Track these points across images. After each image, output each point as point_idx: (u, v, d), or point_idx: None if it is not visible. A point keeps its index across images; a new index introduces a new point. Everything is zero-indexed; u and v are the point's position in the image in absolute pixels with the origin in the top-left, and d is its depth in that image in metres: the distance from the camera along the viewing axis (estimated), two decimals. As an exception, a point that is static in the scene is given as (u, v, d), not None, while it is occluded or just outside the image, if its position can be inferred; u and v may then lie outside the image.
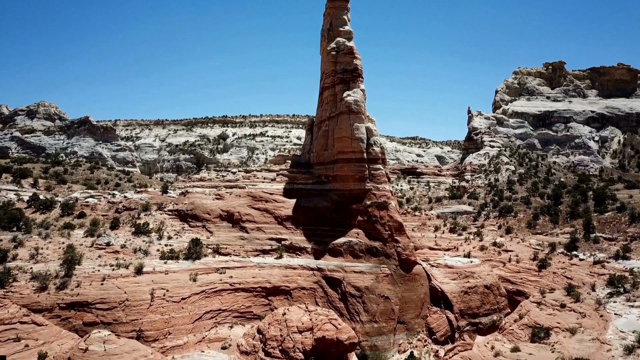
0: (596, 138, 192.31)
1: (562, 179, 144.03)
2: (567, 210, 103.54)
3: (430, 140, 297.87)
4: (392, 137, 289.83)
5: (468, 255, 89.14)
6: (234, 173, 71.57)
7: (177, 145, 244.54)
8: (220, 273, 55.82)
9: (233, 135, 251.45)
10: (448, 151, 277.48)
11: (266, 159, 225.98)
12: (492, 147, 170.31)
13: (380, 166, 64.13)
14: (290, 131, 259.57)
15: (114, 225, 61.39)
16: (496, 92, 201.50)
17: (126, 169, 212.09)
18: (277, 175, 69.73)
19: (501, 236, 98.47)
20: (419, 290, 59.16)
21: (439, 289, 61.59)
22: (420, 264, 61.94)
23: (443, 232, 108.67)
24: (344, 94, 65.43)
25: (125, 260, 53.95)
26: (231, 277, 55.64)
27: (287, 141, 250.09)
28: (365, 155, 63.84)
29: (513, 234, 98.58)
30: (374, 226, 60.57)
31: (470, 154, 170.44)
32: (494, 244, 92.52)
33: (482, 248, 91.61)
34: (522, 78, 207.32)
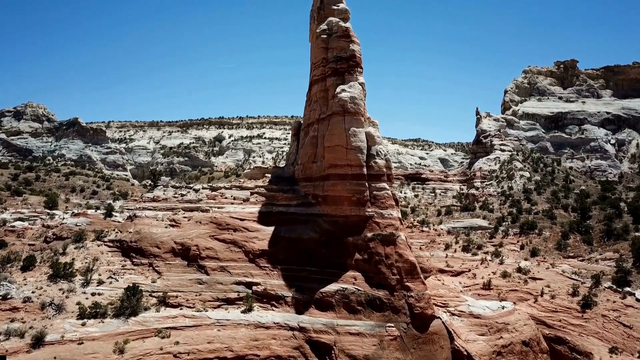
0: (612, 141, 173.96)
1: (583, 187, 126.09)
2: (601, 228, 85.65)
3: (433, 142, 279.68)
4: (394, 139, 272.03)
5: (488, 285, 72.12)
6: (196, 191, 53.96)
7: (171, 148, 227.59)
8: (163, 337, 38.31)
9: (229, 137, 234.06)
10: (452, 154, 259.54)
11: (263, 162, 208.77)
12: (503, 151, 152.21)
13: (384, 185, 46.43)
14: (289, 133, 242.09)
15: (28, 264, 44.01)
16: (505, 92, 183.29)
17: (116, 172, 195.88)
18: (252, 194, 52.09)
19: (525, 259, 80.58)
20: (438, 357, 41.54)
21: (465, 352, 44.04)
22: (439, 317, 44.26)
23: (455, 251, 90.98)
24: (337, 89, 47.78)
25: (24, 322, 36.62)
26: (177, 342, 38.09)
27: (285, 143, 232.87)
28: (364, 169, 46.20)
29: (540, 257, 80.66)
30: (377, 268, 42.90)
31: (479, 159, 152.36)
32: (519, 269, 74.81)
33: (505, 275, 74.06)
34: (532, 77, 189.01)
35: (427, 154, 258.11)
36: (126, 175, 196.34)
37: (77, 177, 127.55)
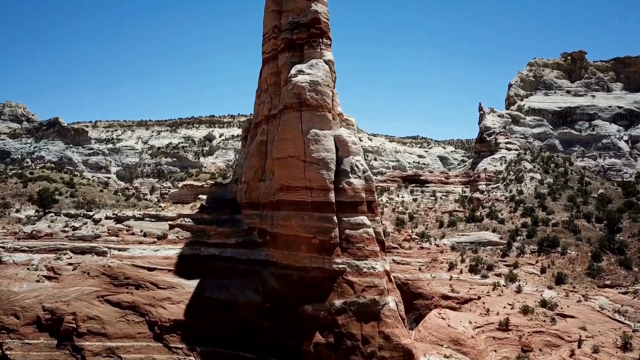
0: (625, 137, 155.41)
1: (602, 191, 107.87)
2: (639, 246, 67.94)
3: (432, 139, 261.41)
4: (392, 136, 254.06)
5: (506, 324, 54.95)
6: (96, 222, 36.31)
7: (159, 148, 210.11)
8: None
9: (220, 137, 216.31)
10: (451, 151, 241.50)
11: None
12: (509, 149, 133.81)
13: (363, 218, 28.65)
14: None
15: None
16: (509, 86, 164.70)
17: (98, 175, 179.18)
18: (172, 227, 34.41)
19: (549, 287, 62.61)
20: None
21: None
22: None
23: (461, 272, 72.90)
24: (292, 70, 29.98)
25: None
26: None
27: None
28: (332, 194, 28.45)
29: (568, 285, 62.61)
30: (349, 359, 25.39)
31: (483, 158, 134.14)
32: (543, 303, 57.12)
33: (526, 310, 56.58)
34: (538, 70, 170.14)
35: (426, 152, 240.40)
36: (108, 178, 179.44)
37: (37, 184, 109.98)
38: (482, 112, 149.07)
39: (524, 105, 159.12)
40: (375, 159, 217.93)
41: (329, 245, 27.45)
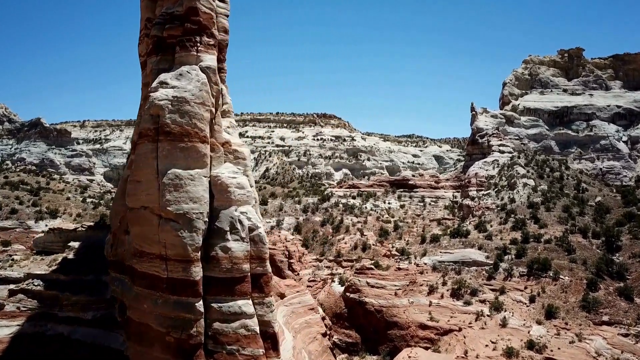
0: (624, 138, 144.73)
1: (599, 198, 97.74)
2: (641, 270, 57.99)
3: (427, 138, 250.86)
4: (387, 135, 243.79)
5: (486, 372, 45.48)
6: None
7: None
8: None
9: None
10: (447, 150, 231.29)
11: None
12: (502, 152, 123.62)
13: (243, 304, 18.80)
14: (273, 131, 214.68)
15: None
16: (504, 84, 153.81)
17: (81, 177, 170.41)
18: (14, 292, 24.81)
19: (538, 322, 52.96)
20: None
21: None
22: None
23: (442, 296, 63.50)
24: (154, 83, 20.20)
25: None
26: None
27: (268, 142, 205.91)
28: (195, 269, 18.68)
29: (559, 320, 52.69)
30: None
31: (475, 162, 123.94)
32: (530, 344, 47.92)
33: (510, 352, 47.67)
34: (534, 68, 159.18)
35: (421, 151, 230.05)
36: (91, 181, 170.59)
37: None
38: (474, 112, 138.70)
39: (518, 104, 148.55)
40: (368, 159, 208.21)
41: (187, 347, 17.90)
